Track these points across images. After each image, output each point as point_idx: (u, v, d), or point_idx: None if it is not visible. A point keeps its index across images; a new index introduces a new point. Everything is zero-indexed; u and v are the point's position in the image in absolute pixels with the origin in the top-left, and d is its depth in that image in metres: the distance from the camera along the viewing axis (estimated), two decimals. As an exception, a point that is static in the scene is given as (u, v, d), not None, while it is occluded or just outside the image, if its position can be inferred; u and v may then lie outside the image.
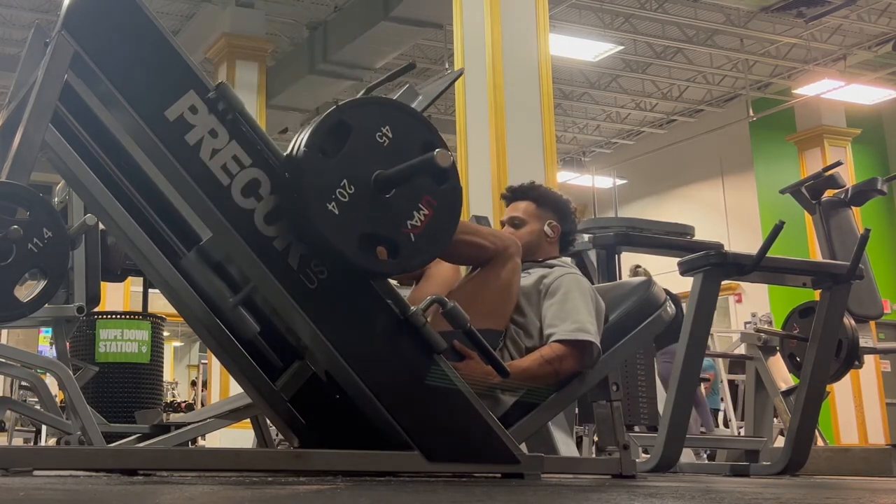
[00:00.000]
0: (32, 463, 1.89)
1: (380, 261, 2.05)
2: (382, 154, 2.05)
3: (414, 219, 2.06)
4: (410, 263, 2.12)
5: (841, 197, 4.56)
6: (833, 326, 3.28)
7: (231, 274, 2.14)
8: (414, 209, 2.06)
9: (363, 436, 2.20)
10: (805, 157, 12.08)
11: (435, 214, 2.08)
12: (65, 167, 2.12)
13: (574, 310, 2.47)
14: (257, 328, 2.13)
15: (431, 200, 2.08)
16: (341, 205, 1.99)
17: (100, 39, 2.00)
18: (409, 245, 2.05)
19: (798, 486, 2.49)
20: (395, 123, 2.08)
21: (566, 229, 2.76)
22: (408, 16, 9.80)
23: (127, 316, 5.53)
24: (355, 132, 2.04)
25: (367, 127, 2.05)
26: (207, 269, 2.12)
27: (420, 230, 2.06)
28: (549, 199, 2.76)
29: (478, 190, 5.94)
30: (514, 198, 2.79)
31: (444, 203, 2.10)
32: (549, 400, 2.45)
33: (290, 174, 2.01)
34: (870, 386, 10.42)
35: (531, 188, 2.80)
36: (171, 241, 2.25)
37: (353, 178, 2.01)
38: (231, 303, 2.09)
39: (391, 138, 2.06)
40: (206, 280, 2.14)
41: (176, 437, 3.05)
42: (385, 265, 2.06)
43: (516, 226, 2.73)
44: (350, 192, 2.00)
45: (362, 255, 2.01)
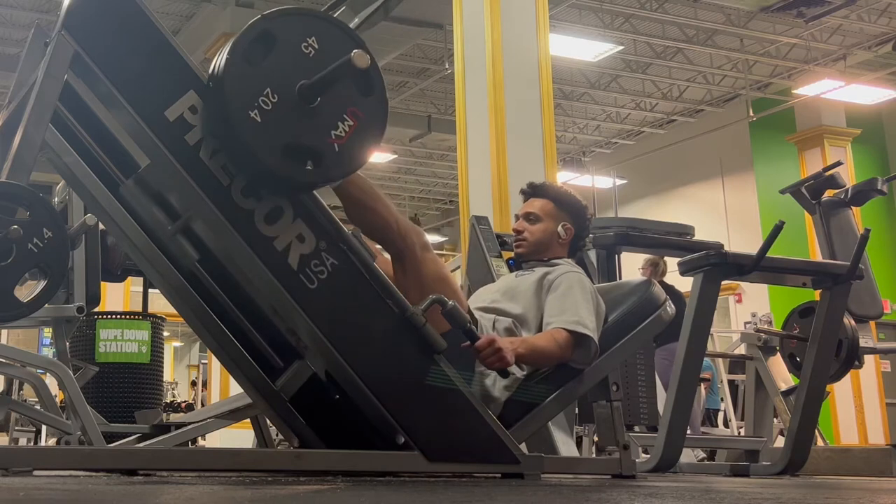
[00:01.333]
0: (32, 463, 1.89)
1: (303, 169, 2.03)
2: (308, 64, 2.04)
3: (338, 129, 2.05)
4: (333, 173, 2.10)
5: (841, 197, 4.56)
6: (833, 326, 3.28)
7: (231, 274, 2.14)
8: (338, 120, 2.05)
9: (363, 436, 2.20)
10: (805, 157, 12.08)
11: (360, 125, 2.07)
12: (65, 167, 2.12)
13: (574, 304, 2.48)
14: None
15: (357, 111, 2.07)
16: (264, 113, 1.98)
17: (100, 39, 2.00)
18: (332, 155, 2.04)
19: (798, 486, 2.49)
20: (321, 35, 2.07)
21: (579, 233, 2.76)
22: (408, 16, 9.80)
23: (127, 316, 5.53)
24: (280, 42, 2.03)
25: (293, 37, 2.04)
26: (209, 271, 2.12)
27: (344, 140, 2.05)
28: (567, 201, 2.76)
29: (478, 190, 5.94)
30: (533, 194, 2.79)
31: (370, 114, 2.09)
32: (548, 400, 2.45)
33: (213, 83, 2.00)
34: (870, 386, 10.41)
35: (551, 187, 2.81)
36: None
37: (277, 87, 2.00)
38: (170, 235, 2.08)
39: (317, 49, 2.05)
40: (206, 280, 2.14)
41: (176, 437, 3.05)
42: (308, 174, 2.05)
43: (531, 221, 2.73)
44: (273, 100, 1.99)
45: (285, 164, 2.00)
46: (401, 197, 17.17)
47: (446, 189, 16.90)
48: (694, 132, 13.58)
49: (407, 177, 16.61)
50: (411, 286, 2.29)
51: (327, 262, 2.08)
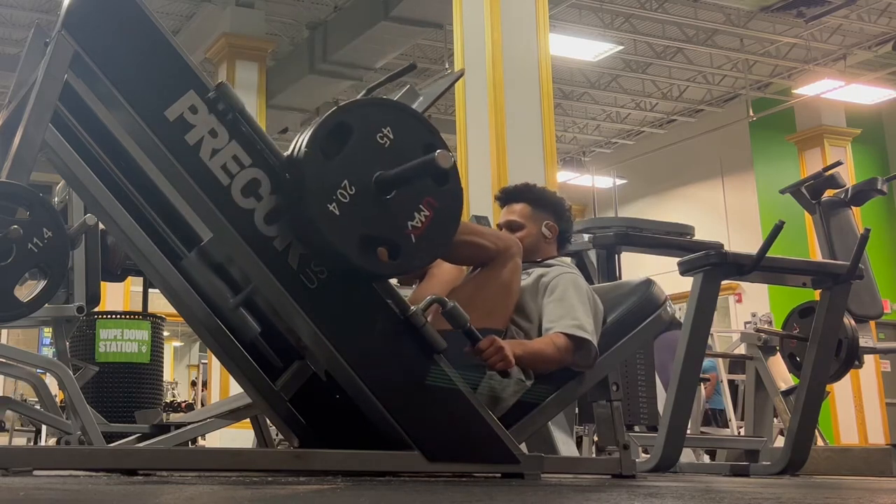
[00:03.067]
0: (32, 463, 1.89)
1: (381, 262, 2.05)
2: (383, 155, 2.05)
3: (415, 220, 2.06)
4: (411, 264, 2.12)
5: (841, 197, 4.56)
6: (833, 326, 3.27)
7: (232, 275, 2.14)
8: (415, 210, 2.06)
9: (363, 436, 2.20)
10: (805, 157, 12.08)
11: (436, 216, 2.08)
12: (65, 167, 2.12)
13: (571, 307, 2.48)
14: (258, 329, 2.13)
15: (432, 202, 2.08)
16: (342, 206, 1.99)
17: (100, 39, 2.00)
18: (409, 246, 2.05)
19: (798, 486, 2.49)
20: (395, 124, 2.08)
21: (563, 228, 2.76)
22: (408, 16, 9.80)
23: (127, 316, 5.52)
24: (356, 133, 2.04)
25: (368, 128, 2.05)
26: (208, 269, 2.12)
27: (421, 231, 2.06)
28: (544, 200, 2.76)
29: (478, 190, 5.94)
30: (508, 200, 2.78)
31: (445, 204, 2.10)
32: (549, 400, 2.45)
33: (290, 175, 2.01)
34: (870, 386, 10.42)
35: (525, 189, 2.79)
36: (172, 242, 2.25)
37: (354, 179, 2.01)
38: (232, 304, 2.09)
39: (392, 139, 2.06)
40: (206, 281, 2.14)
41: (176, 437, 3.05)
42: (386, 266, 2.06)
43: (514, 230, 2.71)
44: (351, 193, 2.00)
45: (363, 257, 2.01)
46: (401, 197, 17.14)
47: (446, 189, 16.88)
48: (694, 132, 13.58)
49: (407, 177, 16.59)
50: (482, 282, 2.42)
51: (328, 262, 2.08)
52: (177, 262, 2.22)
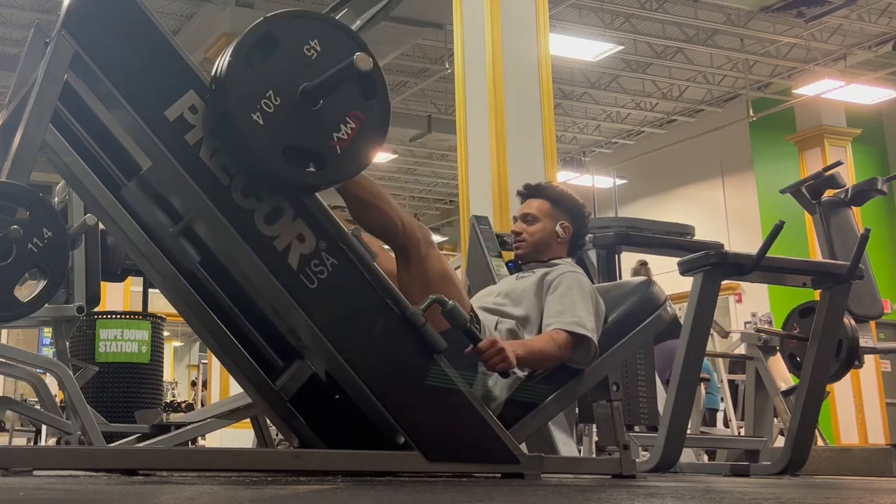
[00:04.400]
0: (32, 463, 1.89)
1: (305, 172, 2.04)
2: (310, 67, 2.04)
3: (341, 132, 2.05)
4: (335, 176, 2.10)
5: (841, 197, 4.56)
6: (833, 326, 3.27)
7: (232, 275, 2.14)
8: (341, 122, 2.06)
9: (363, 436, 2.20)
10: (805, 157, 12.07)
11: (362, 128, 2.08)
12: (65, 167, 2.12)
13: (573, 305, 2.48)
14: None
15: (359, 114, 2.08)
16: (266, 115, 1.98)
17: (100, 39, 2.00)
18: (334, 157, 2.05)
19: (798, 486, 2.49)
20: (323, 37, 2.07)
21: (578, 232, 2.76)
22: (408, 16, 9.79)
23: (127, 316, 5.53)
24: (282, 44, 2.03)
25: (295, 40, 2.04)
26: (209, 272, 2.12)
27: (346, 143, 2.06)
28: (564, 200, 2.76)
29: (478, 190, 5.94)
30: (529, 195, 2.79)
31: (372, 117, 2.10)
32: (548, 400, 2.45)
33: (215, 85, 2.00)
34: (870, 386, 10.41)
35: (548, 187, 2.80)
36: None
37: (279, 89, 2.00)
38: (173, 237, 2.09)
39: (319, 51, 2.06)
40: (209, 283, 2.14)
41: (176, 437, 3.05)
42: (310, 177, 2.05)
43: (528, 222, 2.72)
44: (276, 103, 1.99)
45: (287, 167, 2.00)
46: (401, 197, 17.17)
47: (446, 189, 16.90)
48: (694, 132, 13.57)
49: (407, 177, 16.61)
50: (415, 283, 2.29)
51: (327, 261, 2.08)
52: (177, 262, 2.21)
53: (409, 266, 2.33)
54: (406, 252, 2.34)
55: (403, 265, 2.35)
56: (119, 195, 2.17)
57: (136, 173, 2.16)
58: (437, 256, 2.38)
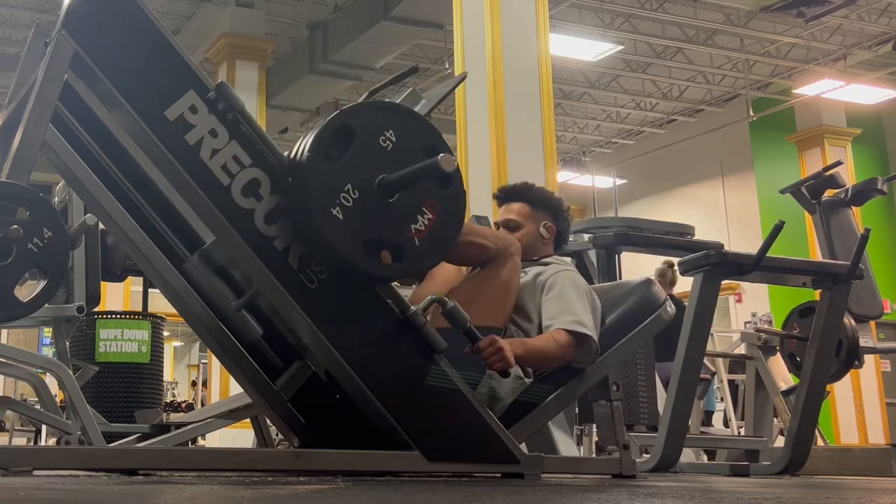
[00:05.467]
0: (32, 463, 1.89)
1: (384, 265, 2.05)
2: (386, 158, 2.05)
3: (418, 223, 2.06)
4: (415, 267, 2.13)
5: (841, 197, 4.56)
6: (833, 326, 3.27)
7: (233, 276, 2.14)
8: (418, 213, 2.06)
9: (363, 436, 2.20)
10: (805, 157, 12.08)
11: (439, 218, 2.08)
12: (65, 167, 2.12)
13: (570, 304, 2.48)
14: (260, 331, 2.13)
15: (435, 204, 2.08)
16: (345, 210, 1.99)
17: (100, 39, 2.00)
18: (413, 249, 2.05)
19: (798, 486, 2.49)
20: (398, 127, 2.08)
21: (560, 228, 2.76)
22: (408, 16, 9.80)
23: (127, 316, 5.52)
24: (359, 136, 2.04)
25: (371, 131, 2.05)
26: (210, 272, 2.12)
27: (424, 234, 2.06)
28: (542, 200, 2.76)
29: (478, 190, 5.93)
30: (506, 199, 2.78)
31: (448, 207, 2.10)
32: (549, 400, 2.45)
33: (293, 178, 2.01)
34: (870, 386, 10.41)
35: (524, 189, 2.79)
36: (172, 242, 2.25)
37: (357, 182, 2.01)
38: (235, 306, 2.09)
39: (395, 142, 2.06)
40: (208, 283, 2.14)
41: (176, 437, 3.05)
42: (390, 269, 2.06)
43: (512, 229, 2.71)
44: (354, 196, 2.00)
45: (367, 260, 2.01)
46: (401, 197, 17.14)
47: (446, 189, 16.88)
48: (694, 132, 13.58)
49: (407, 177, 16.60)
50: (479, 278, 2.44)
51: (331, 266, 2.08)
52: (178, 263, 2.22)
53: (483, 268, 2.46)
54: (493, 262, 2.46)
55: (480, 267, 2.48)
56: (119, 194, 2.17)
57: (137, 174, 2.16)
58: (514, 268, 2.47)
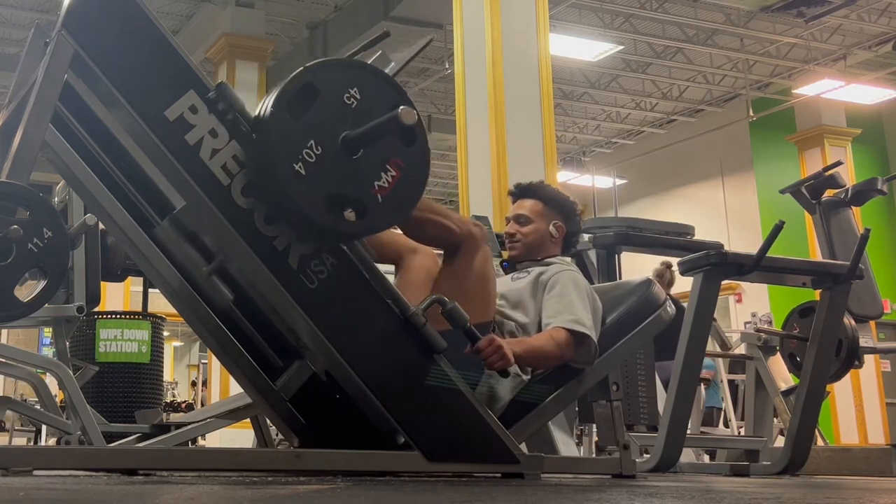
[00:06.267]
0: (32, 463, 1.89)
1: (346, 221, 2.04)
2: (350, 115, 2.04)
3: (381, 180, 2.05)
4: (377, 224, 2.11)
5: (841, 197, 4.56)
6: (833, 326, 3.27)
7: (233, 276, 2.14)
8: (381, 171, 2.06)
9: (363, 436, 2.20)
10: (805, 157, 12.08)
11: (403, 176, 2.08)
12: (65, 167, 2.12)
13: (571, 304, 2.48)
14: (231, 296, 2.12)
15: (399, 162, 2.08)
16: (308, 165, 1.98)
17: (100, 39, 2.00)
18: (376, 206, 2.05)
19: (798, 486, 2.49)
20: (363, 85, 2.07)
21: (570, 230, 2.76)
22: (408, 16, 9.80)
23: (127, 316, 5.52)
24: (323, 94, 2.03)
25: (335, 88, 2.05)
26: (212, 273, 2.12)
27: (387, 191, 2.06)
28: (556, 200, 2.76)
29: (478, 190, 5.94)
30: (521, 195, 2.79)
31: (412, 165, 2.10)
32: (549, 400, 2.45)
33: (257, 135, 2.01)
34: (870, 386, 10.42)
35: (539, 187, 2.80)
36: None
37: (320, 139, 2.01)
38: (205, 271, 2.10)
39: (359, 100, 2.06)
40: (209, 283, 2.14)
41: (176, 437, 3.05)
42: (352, 226, 2.05)
43: (522, 223, 2.72)
44: (317, 152, 2.00)
45: (328, 216, 2.01)
46: (401, 197, 17.14)
47: (446, 189, 16.90)
48: (694, 132, 13.58)
49: (407, 177, 16.59)
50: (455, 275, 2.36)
51: (327, 261, 2.08)
52: (177, 261, 2.21)
53: (454, 261, 2.39)
54: (457, 249, 2.39)
55: (450, 260, 2.41)
56: (117, 193, 2.17)
57: (137, 174, 2.16)
58: (485, 257, 2.42)
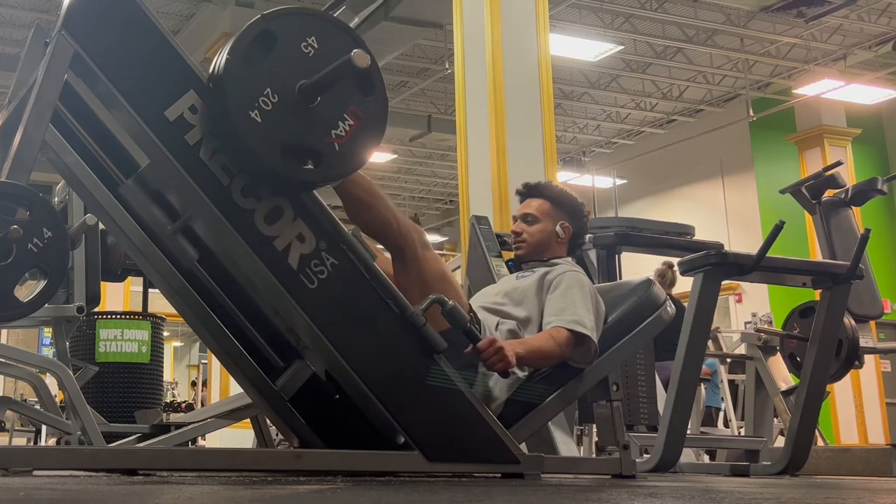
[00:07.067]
0: (32, 463, 1.89)
1: (303, 169, 2.03)
2: (308, 64, 2.04)
3: (339, 129, 2.05)
4: (333, 172, 2.10)
5: (841, 197, 4.56)
6: (833, 326, 3.27)
7: (231, 274, 2.14)
8: (339, 119, 2.05)
9: (363, 436, 2.20)
10: (805, 157, 12.07)
11: (360, 125, 2.07)
12: (65, 167, 2.12)
13: (572, 304, 2.48)
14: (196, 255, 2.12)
15: (357, 111, 2.07)
16: (264, 113, 1.98)
17: (100, 39, 2.00)
18: (332, 154, 2.04)
19: (798, 486, 2.49)
20: (321, 34, 2.07)
21: (577, 231, 2.76)
22: (408, 16, 9.79)
23: (127, 316, 5.52)
24: (280, 42, 2.03)
25: (293, 37, 2.04)
26: (209, 271, 2.12)
27: (344, 140, 2.05)
28: (563, 200, 2.76)
29: (478, 190, 5.93)
30: (529, 194, 2.79)
31: (370, 114, 2.10)
32: (549, 400, 2.45)
33: (213, 83, 2.00)
34: (870, 386, 10.41)
35: (547, 186, 2.80)
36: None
37: (277, 87, 2.00)
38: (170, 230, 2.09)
39: (317, 48, 2.05)
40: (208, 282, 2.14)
41: (176, 437, 3.05)
42: (308, 174, 2.05)
43: (529, 223, 2.73)
44: (273, 101, 1.99)
45: (285, 164, 2.00)
46: (401, 197, 17.18)
47: (446, 189, 16.91)
48: (694, 132, 13.57)
49: (407, 177, 16.61)
50: (412, 284, 2.28)
51: (327, 261, 2.08)
52: (176, 260, 2.21)
53: (406, 268, 2.32)
54: (402, 253, 2.33)
55: (400, 267, 2.34)
56: (117, 193, 2.17)
57: (135, 172, 2.16)
58: (434, 258, 2.38)
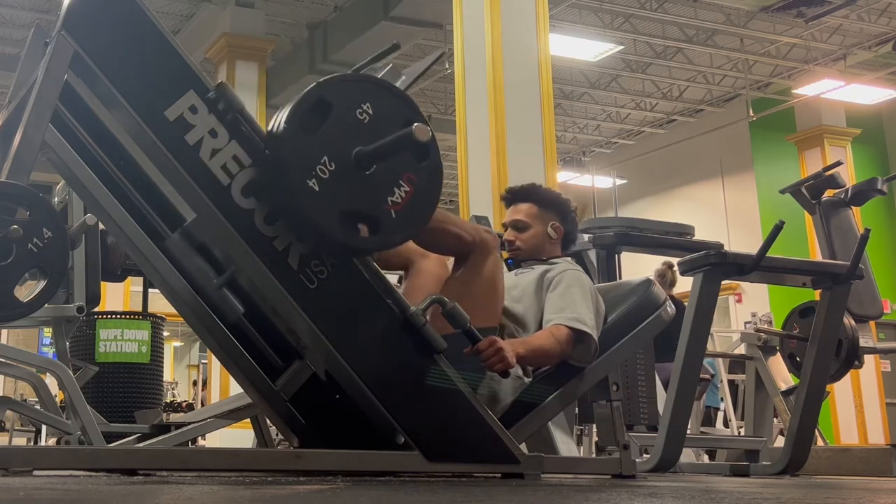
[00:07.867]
0: (32, 463, 1.89)
1: (361, 237, 2.05)
2: (363, 131, 2.04)
3: (395, 195, 2.06)
4: (391, 240, 2.12)
5: (841, 197, 4.56)
6: (833, 326, 3.27)
7: (234, 278, 2.14)
8: (395, 186, 2.06)
9: (363, 436, 2.20)
10: (805, 157, 12.08)
11: (416, 191, 2.08)
12: (65, 167, 2.12)
13: (573, 302, 2.48)
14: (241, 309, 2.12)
15: (412, 177, 2.08)
16: (322, 181, 1.99)
17: (100, 39, 2.00)
18: (389, 221, 2.05)
19: (798, 486, 2.49)
20: (375, 100, 2.08)
21: (568, 229, 2.76)
22: (408, 16, 9.80)
23: (127, 316, 5.52)
24: (336, 109, 2.04)
25: (348, 104, 2.05)
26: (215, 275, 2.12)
27: (401, 207, 2.06)
28: (550, 201, 2.76)
29: (478, 190, 5.94)
30: (514, 199, 2.78)
31: (425, 180, 2.10)
32: (549, 400, 2.45)
33: (270, 151, 2.01)
34: (870, 386, 10.41)
35: (531, 189, 2.80)
36: (171, 241, 2.25)
37: (334, 154, 2.01)
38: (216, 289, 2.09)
39: (372, 115, 2.06)
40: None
41: (176, 437, 3.05)
42: (366, 242, 2.06)
43: (520, 229, 2.72)
44: (330, 168, 2.00)
45: (343, 232, 2.01)
46: (401, 197, 17.15)
47: (446, 189, 16.81)
48: (694, 132, 13.57)
49: (407, 177, 16.59)
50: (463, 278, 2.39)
51: (327, 261, 2.08)
52: (175, 259, 2.22)
53: (464, 266, 2.41)
54: (468, 256, 2.41)
55: (460, 265, 2.43)
56: (118, 194, 2.17)
57: (135, 174, 2.16)
58: (495, 264, 2.43)
